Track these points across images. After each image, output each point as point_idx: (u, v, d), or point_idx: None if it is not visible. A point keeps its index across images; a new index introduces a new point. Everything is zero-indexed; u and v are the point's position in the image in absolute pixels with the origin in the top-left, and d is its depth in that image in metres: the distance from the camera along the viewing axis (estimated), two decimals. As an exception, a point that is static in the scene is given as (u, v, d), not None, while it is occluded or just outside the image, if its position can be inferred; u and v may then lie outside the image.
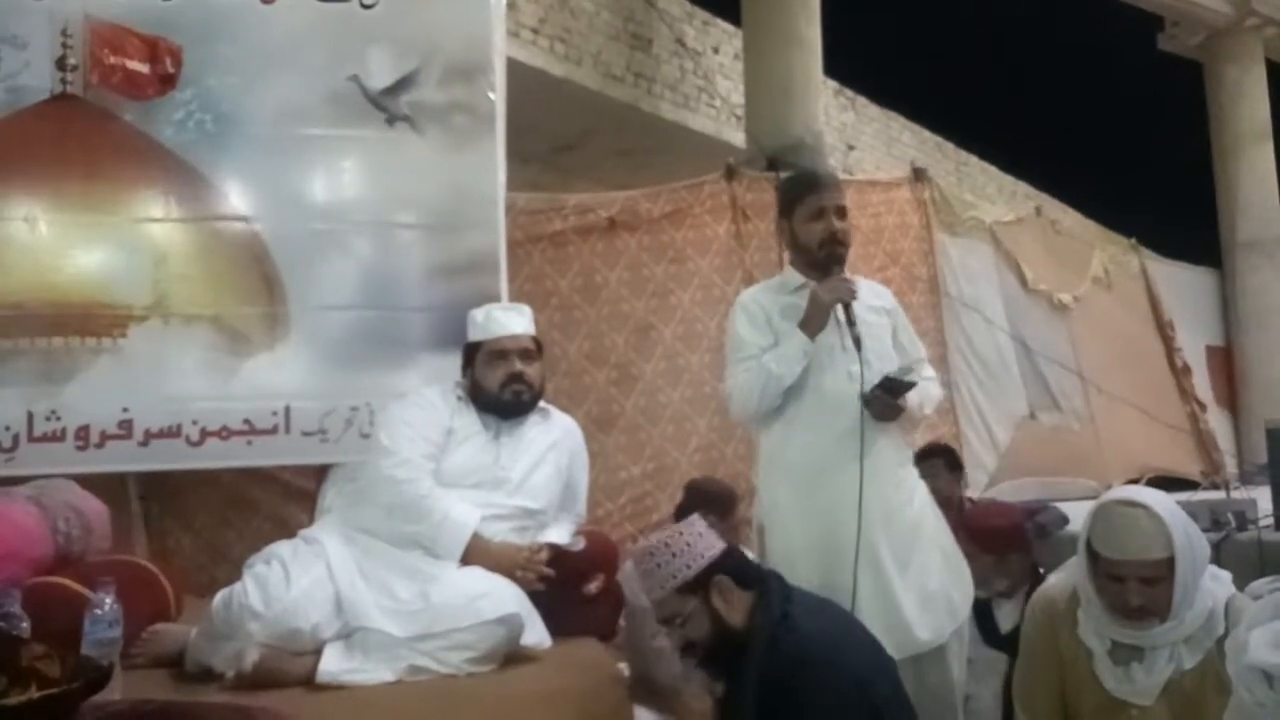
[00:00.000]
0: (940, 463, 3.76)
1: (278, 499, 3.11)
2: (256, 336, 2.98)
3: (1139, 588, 1.87)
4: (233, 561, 2.20)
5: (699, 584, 1.87)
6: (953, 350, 5.18)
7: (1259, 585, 1.77)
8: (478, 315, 2.57)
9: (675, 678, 2.56)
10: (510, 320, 2.53)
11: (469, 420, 2.43)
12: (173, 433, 2.85)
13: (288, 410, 2.95)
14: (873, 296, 2.54)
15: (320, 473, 2.96)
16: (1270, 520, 3.74)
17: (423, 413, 2.42)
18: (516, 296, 3.38)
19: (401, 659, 1.98)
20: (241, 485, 3.11)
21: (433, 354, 3.05)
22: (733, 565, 1.91)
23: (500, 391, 2.44)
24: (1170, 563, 1.86)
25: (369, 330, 3.07)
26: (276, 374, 2.96)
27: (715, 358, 2.64)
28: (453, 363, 2.82)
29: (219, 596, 2.07)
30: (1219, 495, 4.38)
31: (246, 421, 2.91)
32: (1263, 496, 3.95)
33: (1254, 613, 1.15)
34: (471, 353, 2.52)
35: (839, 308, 2.38)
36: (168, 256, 2.95)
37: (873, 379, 2.35)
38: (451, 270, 3.18)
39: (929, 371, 2.56)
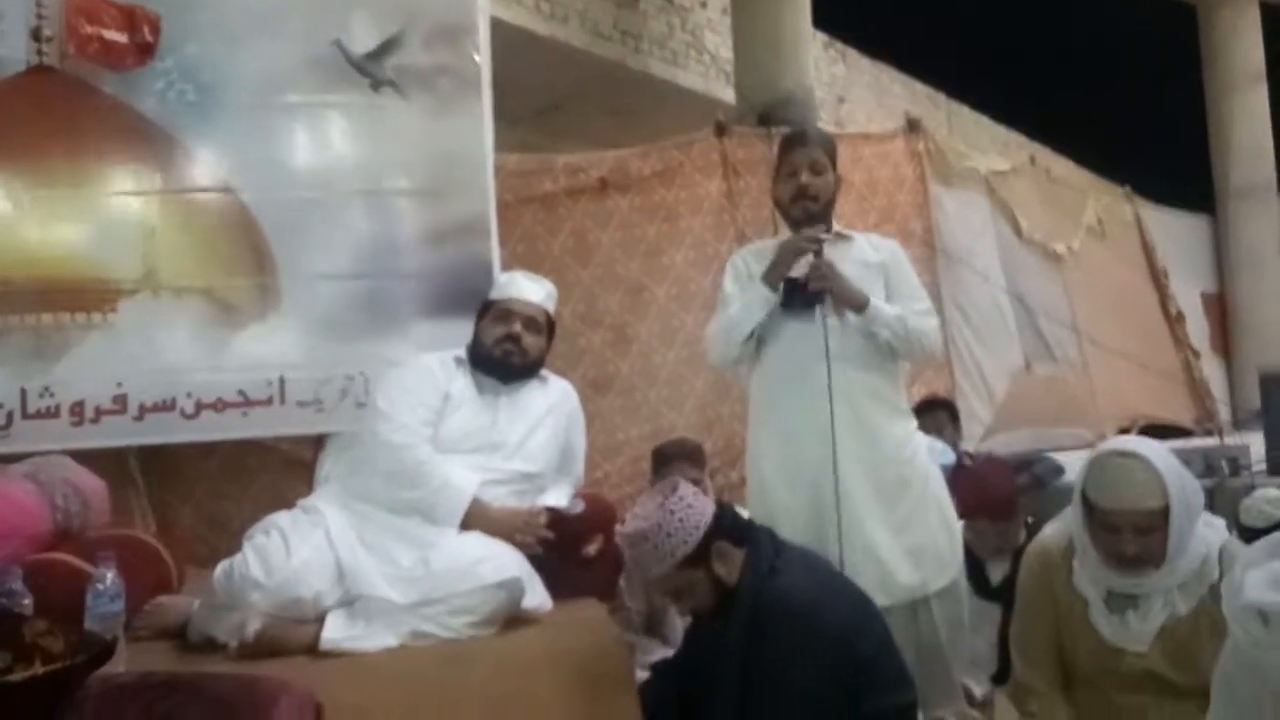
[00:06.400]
0: (944, 415, 3.83)
1: (275, 470, 3.11)
2: (248, 307, 2.96)
3: (1134, 537, 1.89)
4: (232, 533, 2.20)
5: (699, 556, 1.89)
6: (948, 304, 5.16)
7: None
8: (502, 277, 2.68)
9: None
10: (527, 287, 2.56)
11: (466, 385, 2.44)
12: (167, 406, 2.84)
13: (282, 381, 2.94)
14: (867, 250, 2.56)
15: (317, 442, 2.96)
16: (1263, 466, 3.78)
17: (419, 379, 2.42)
18: (509, 260, 3.36)
19: (403, 625, 2.00)
20: (239, 457, 3.11)
21: (427, 321, 3.04)
22: (726, 527, 1.92)
23: (493, 348, 2.45)
24: (1165, 511, 1.88)
25: (361, 299, 3.05)
26: (269, 345, 2.95)
27: (709, 317, 2.65)
28: (447, 329, 2.82)
29: (220, 568, 2.08)
30: (1212, 442, 4.42)
31: (241, 393, 2.90)
32: (1256, 442, 3.99)
33: (1250, 554, 1.16)
34: (484, 312, 2.54)
35: (804, 261, 2.39)
36: (155, 229, 2.92)
37: (840, 332, 2.39)
38: (442, 235, 3.16)
39: (927, 315, 2.54)
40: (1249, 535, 2.13)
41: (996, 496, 2.94)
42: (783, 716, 1.79)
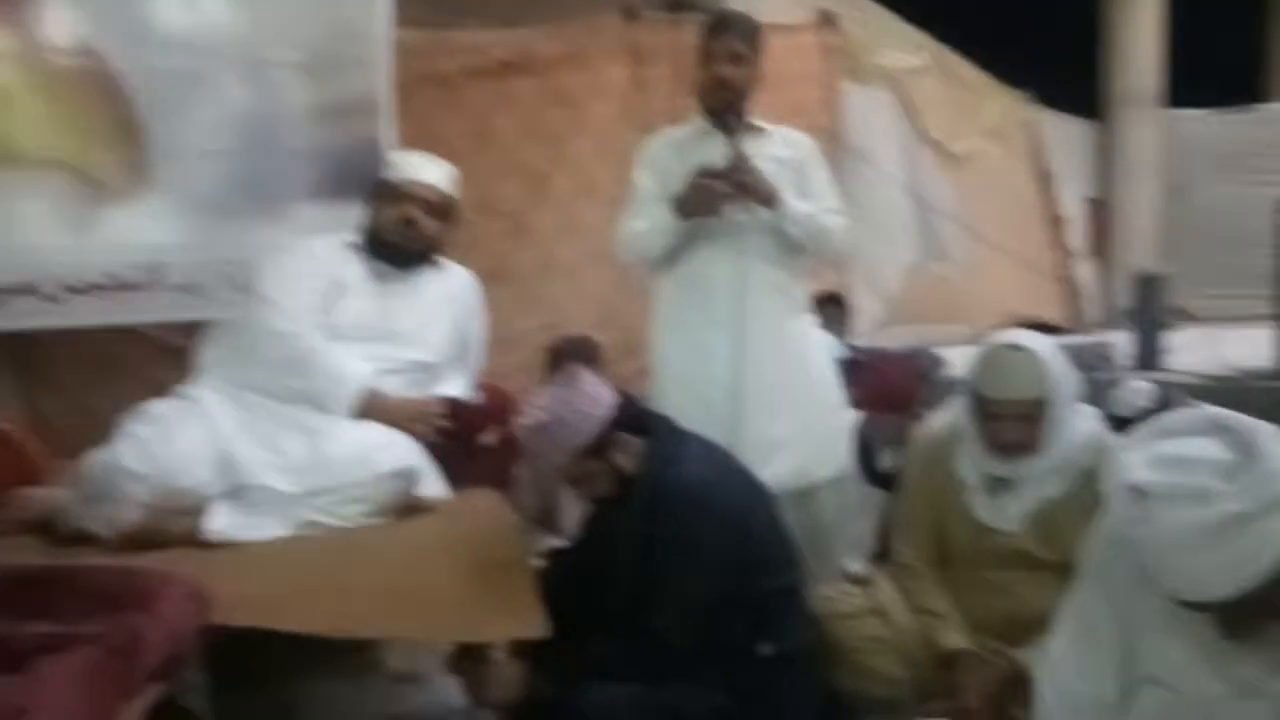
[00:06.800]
0: (835, 310, 3.94)
1: (149, 358, 2.95)
2: (116, 184, 2.76)
3: (1015, 424, 1.98)
4: (105, 423, 2.09)
5: (599, 446, 1.88)
6: (848, 201, 5.22)
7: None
8: (398, 157, 2.51)
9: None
10: (426, 169, 2.42)
11: (358, 271, 2.34)
12: (27, 289, 2.65)
13: (156, 264, 2.78)
14: (781, 146, 2.54)
15: (193, 329, 2.82)
16: (1131, 361, 4.00)
17: (307, 264, 2.31)
18: (402, 144, 3.21)
19: (293, 514, 1.95)
20: (111, 344, 2.94)
21: (314, 203, 2.90)
22: (627, 417, 1.92)
23: (388, 232, 2.34)
24: (1044, 401, 1.97)
25: (242, 178, 2.89)
26: (141, 225, 2.77)
27: (614, 210, 2.60)
28: (335, 213, 2.70)
29: (92, 458, 1.98)
30: (1085, 339, 4.66)
31: (110, 276, 2.73)
32: (1126, 341, 4.23)
33: (1131, 438, 1.22)
34: (378, 193, 2.41)
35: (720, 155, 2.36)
36: (11, 97, 2.67)
37: (750, 227, 2.39)
38: (331, 113, 3.00)
39: (836, 214, 2.55)
40: (1118, 425, 2.25)
41: (895, 390, 3.04)
42: (677, 598, 1.84)
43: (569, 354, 3.12)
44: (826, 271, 4.91)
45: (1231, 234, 7.64)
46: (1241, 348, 4.48)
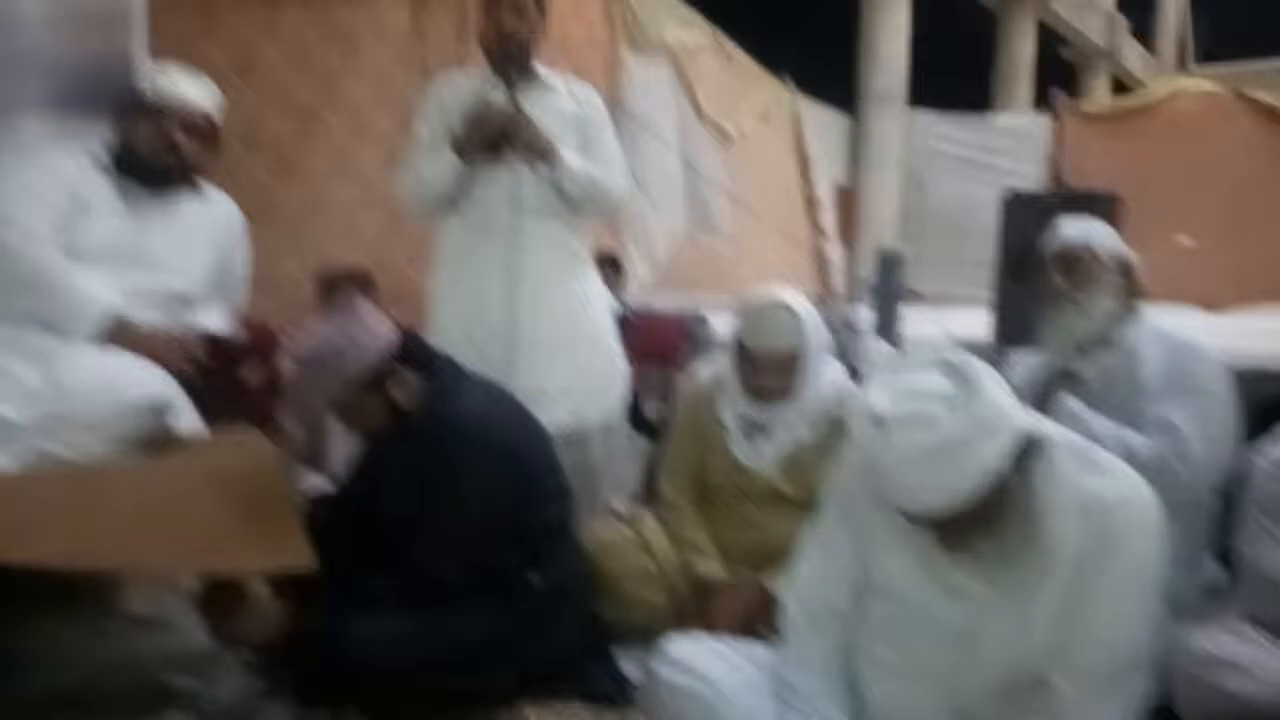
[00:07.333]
0: (610, 270, 4.06)
1: None
2: None
3: (773, 372, 2.15)
4: None
5: (376, 379, 1.85)
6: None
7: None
8: (155, 73, 2.29)
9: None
10: (188, 86, 2.24)
11: (106, 190, 2.14)
12: None
13: None
14: (566, 101, 2.55)
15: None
16: (872, 329, 4.41)
17: (44, 176, 2.08)
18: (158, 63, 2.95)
19: (23, 444, 1.77)
20: None
21: (54, 117, 2.62)
22: (405, 352, 1.90)
23: (143, 151, 2.16)
24: (799, 352, 2.14)
25: (-34, 82, 2.55)
26: None
27: (387, 155, 2.52)
28: (77, 129, 2.45)
29: None
30: (835, 308, 5.07)
31: None
32: (868, 312, 4.64)
33: (874, 375, 1.36)
34: (133, 108, 2.20)
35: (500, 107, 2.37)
36: None
37: (529, 181, 2.41)
38: (75, 22, 2.71)
39: (616, 174, 2.59)
40: (859, 381, 2.49)
41: (664, 345, 3.19)
42: (451, 531, 1.85)
43: (341, 282, 3.00)
44: (601, 234, 5.03)
45: (960, 225, 8.51)
46: (963, 323, 5.03)
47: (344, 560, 1.81)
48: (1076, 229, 2.22)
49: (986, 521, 1.34)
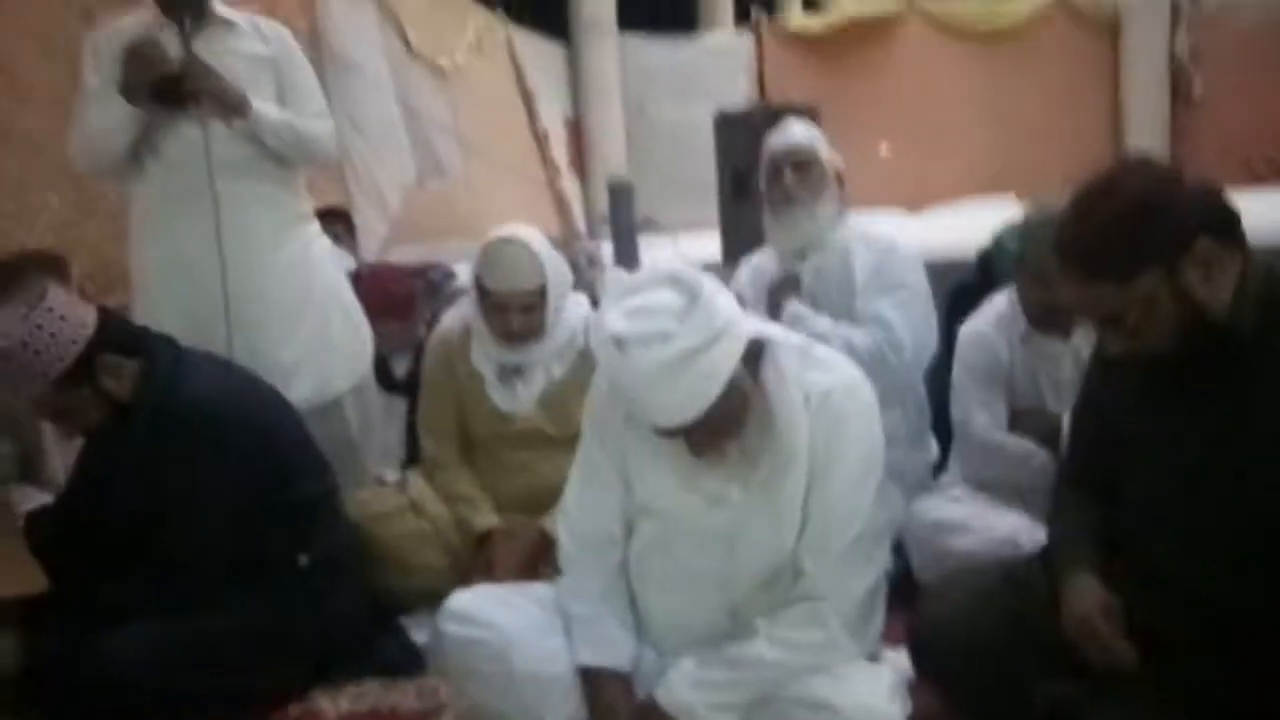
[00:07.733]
0: (339, 226, 3.85)
1: None
2: None
3: (520, 314, 2.14)
4: None
5: (80, 372, 1.67)
6: (338, 114, 5.01)
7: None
8: None
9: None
10: None
11: None
12: None
13: None
14: (255, 42, 2.35)
15: None
16: (612, 261, 4.51)
17: None
18: None
19: None
20: None
21: None
22: (112, 337, 1.72)
23: None
24: (543, 290, 2.15)
25: None
26: None
27: (56, 115, 2.21)
28: None
29: None
30: (575, 244, 5.13)
31: None
32: (607, 245, 4.73)
33: (605, 299, 1.39)
34: None
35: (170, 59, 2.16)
36: None
37: (224, 136, 2.22)
38: None
39: (320, 118, 2.45)
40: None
41: (398, 298, 3.09)
42: (200, 522, 1.73)
43: (26, 271, 2.65)
44: (325, 189, 4.76)
45: (684, 148, 8.76)
46: (697, 247, 5.25)
47: (79, 573, 1.65)
48: (803, 132, 2.34)
49: (730, 426, 1.42)
